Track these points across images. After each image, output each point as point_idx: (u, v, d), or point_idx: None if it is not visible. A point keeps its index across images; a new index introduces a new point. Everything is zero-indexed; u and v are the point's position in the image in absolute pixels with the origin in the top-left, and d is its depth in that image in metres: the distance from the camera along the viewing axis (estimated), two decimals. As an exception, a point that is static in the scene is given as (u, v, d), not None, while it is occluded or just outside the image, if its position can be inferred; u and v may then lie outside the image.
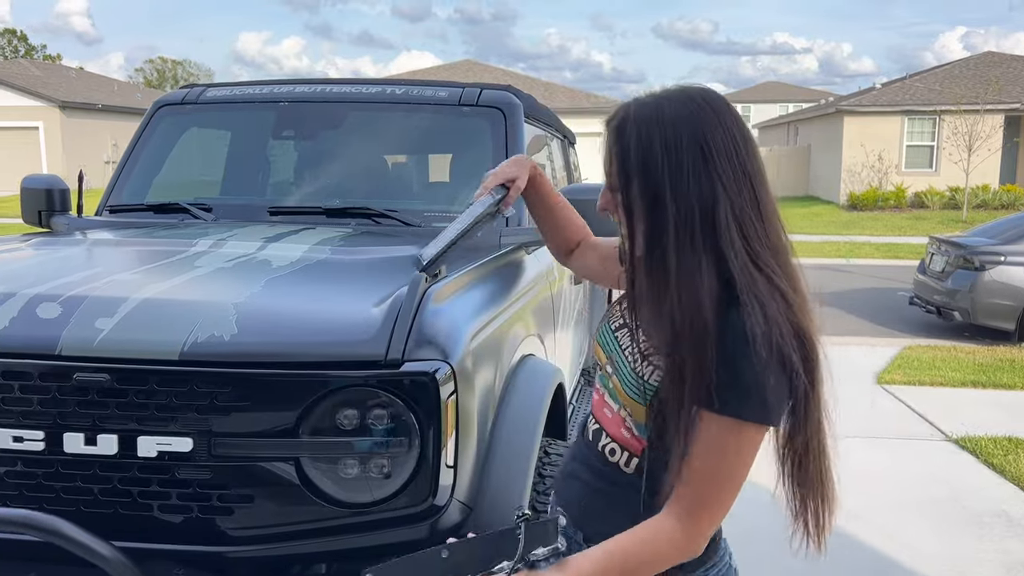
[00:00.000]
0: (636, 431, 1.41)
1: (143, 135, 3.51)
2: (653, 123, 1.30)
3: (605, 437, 1.48)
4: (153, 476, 1.76)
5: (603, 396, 1.52)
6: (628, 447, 1.43)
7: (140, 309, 1.84)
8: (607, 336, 1.51)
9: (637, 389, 1.37)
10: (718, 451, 1.25)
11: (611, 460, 1.46)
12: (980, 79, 26.28)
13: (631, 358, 1.41)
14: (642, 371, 1.37)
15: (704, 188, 1.27)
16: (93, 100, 34.65)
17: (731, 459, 1.26)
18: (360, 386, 1.74)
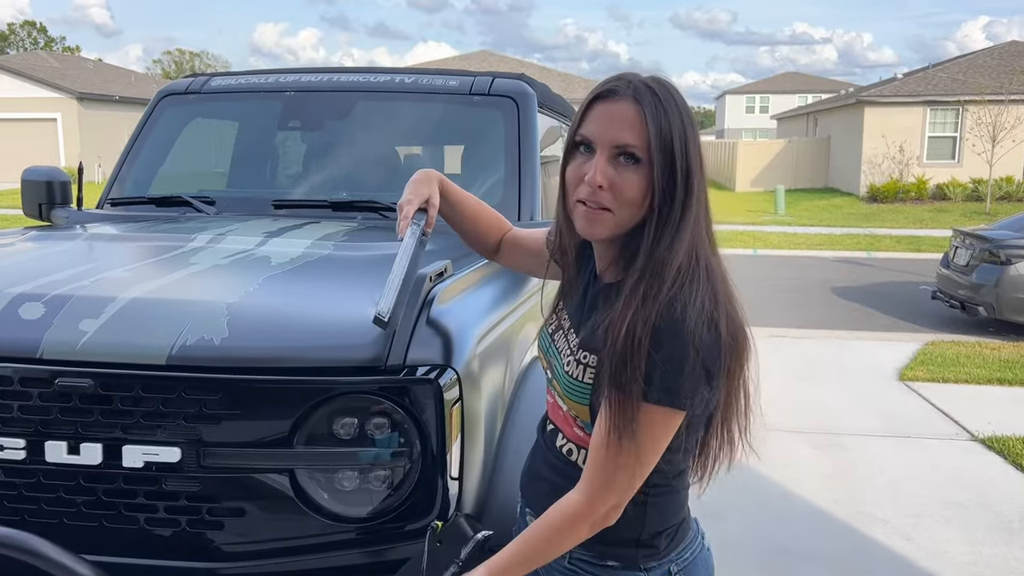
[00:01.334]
0: (587, 429, 1.40)
1: (146, 126, 3.42)
2: (679, 101, 1.31)
3: (561, 437, 1.48)
4: (139, 487, 1.66)
5: (555, 398, 1.50)
6: (583, 444, 1.42)
7: (127, 310, 1.74)
8: (545, 341, 1.52)
9: (575, 391, 1.37)
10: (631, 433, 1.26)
11: (570, 459, 1.45)
12: (1004, 69, 25.84)
13: (564, 361, 1.41)
14: (575, 372, 1.37)
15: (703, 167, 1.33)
16: (111, 92, 34.76)
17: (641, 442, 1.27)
18: (359, 393, 1.63)
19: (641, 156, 1.29)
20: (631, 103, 1.29)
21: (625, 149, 1.29)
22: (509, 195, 2.98)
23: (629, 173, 1.30)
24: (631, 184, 1.30)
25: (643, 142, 1.28)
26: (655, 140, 1.27)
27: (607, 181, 1.30)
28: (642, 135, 1.28)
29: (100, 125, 33.02)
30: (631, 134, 1.29)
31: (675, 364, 1.23)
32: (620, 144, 1.29)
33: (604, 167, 1.30)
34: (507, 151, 3.08)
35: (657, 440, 1.29)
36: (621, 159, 1.30)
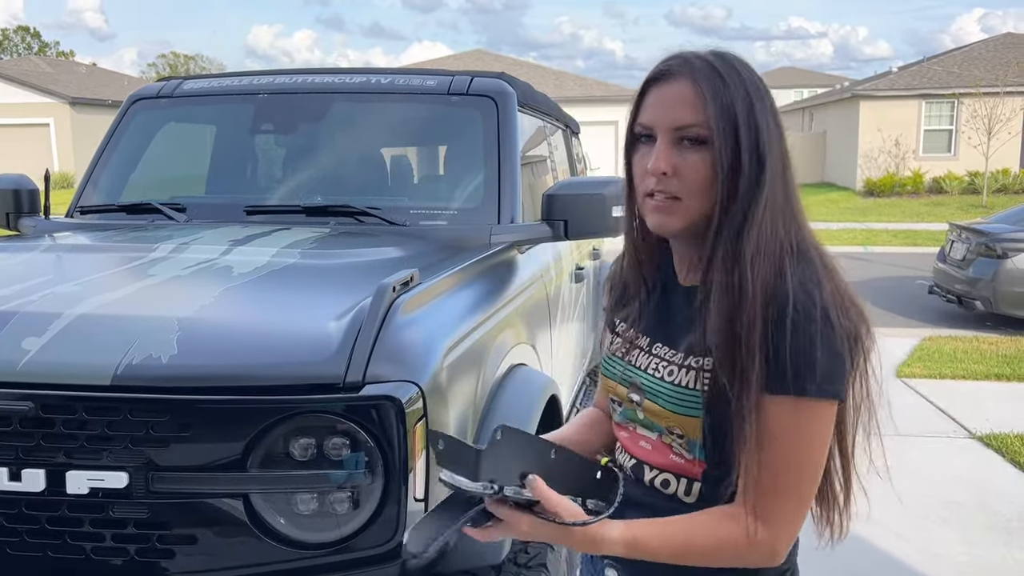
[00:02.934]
0: (690, 452, 1.26)
1: (116, 131, 3.33)
2: (745, 74, 1.21)
3: (651, 470, 1.32)
4: (85, 515, 1.57)
5: (634, 431, 1.35)
6: (684, 473, 1.28)
7: (73, 327, 1.65)
8: (618, 367, 1.36)
9: (683, 401, 1.23)
10: (791, 436, 1.15)
11: (666, 492, 1.30)
12: (999, 61, 25.75)
13: (663, 372, 1.27)
14: (682, 380, 1.23)
15: (784, 153, 1.22)
16: (104, 96, 34.61)
17: (804, 443, 1.15)
18: (315, 412, 1.55)
19: (705, 136, 1.18)
20: (688, 81, 1.20)
21: (686, 130, 1.19)
22: (489, 197, 2.89)
23: (693, 155, 1.19)
24: (696, 167, 1.19)
25: (704, 120, 1.18)
26: (717, 117, 1.17)
27: (671, 167, 1.20)
28: (702, 113, 1.18)
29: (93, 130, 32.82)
30: (690, 113, 1.19)
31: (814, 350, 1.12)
32: (680, 125, 1.19)
33: (666, 152, 1.20)
34: (486, 151, 2.99)
35: (822, 445, 1.17)
36: (684, 142, 1.20)
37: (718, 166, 1.18)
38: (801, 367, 1.12)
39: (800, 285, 1.14)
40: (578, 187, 2.77)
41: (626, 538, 1.16)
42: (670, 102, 1.20)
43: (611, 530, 1.16)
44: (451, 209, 2.93)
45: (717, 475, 1.23)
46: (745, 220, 1.18)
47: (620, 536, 1.16)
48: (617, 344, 1.38)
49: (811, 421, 1.15)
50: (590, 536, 1.15)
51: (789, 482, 1.16)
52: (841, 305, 1.16)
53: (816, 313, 1.13)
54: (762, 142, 1.18)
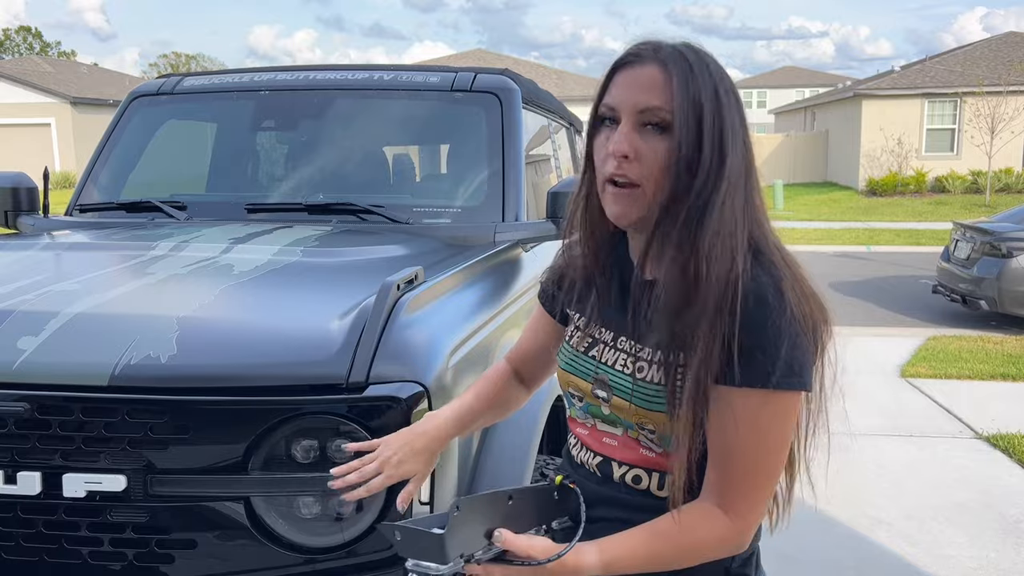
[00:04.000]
0: (661, 445, 1.23)
1: (116, 128, 3.29)
2: (714, 68, 1.19)
3: (619, 466, 1.29)
4: (82, 519, 1.53)
5: (594, 427, 1.32)
6: (656, 467, 1.25)
7: (70, 326, 1.61)
8: (579, 362, 1.32)
9: (655, 398, 1.20)
10: (757, 429, 1.14)
11: (637, 488, 1.27)
12: (1002, 60, 25.69)
13: (631, 368, 1.24)
14: (652, 376, 1.21)
15: (747, 145, 1.20)
16: (105, 96, 34.58)
17: (772, 436, 1.15)
18: (318, 413, 1.51)
19: (668, 120, 1.16)
20: (657, 66, 1.17)
21: (650, 113, 1.17)
22: (492, 195, 2.86)
23: (655, 140, 1.17)
24: (657, 151, 1.16)
25: (668, 104, 1.15)
26: (682, 103, 1.15)
27: (633, 150, 1.17)
28: (668, 97, 1.16)
29: (95, 130, 32.77)
30: (656, 96, 1.16)
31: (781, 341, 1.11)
32: (644, 108, 1.17)
33: (628, 133, 1.17)
34: (490, 149, 2.95)
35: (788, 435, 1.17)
36: (648, 127, 1.17)
37: (676, 152, 1.15)
38: (769, 359, 1.11)
39: (765, 278, 1.14)
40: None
41: (604, 560, 1.14)
42: (637, 85, 1.18)
43: (587, 556, 1.13)
44: (454, 207, 2.89)
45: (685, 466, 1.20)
46: (704, 211, 1.15)
47: (597, 560, 1.13)
48: (577, 338, 1.34)
49: (779, 412, 1.14)
50: (569, 569, 1.12)
51: (758, 474, 1.15)
52: (803, 296, 1.15)
53: (783, 305, 1.12)
54: (726, 136, 1.16)
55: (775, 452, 1.16)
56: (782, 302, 1.12)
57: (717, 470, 1.16)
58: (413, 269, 1.80)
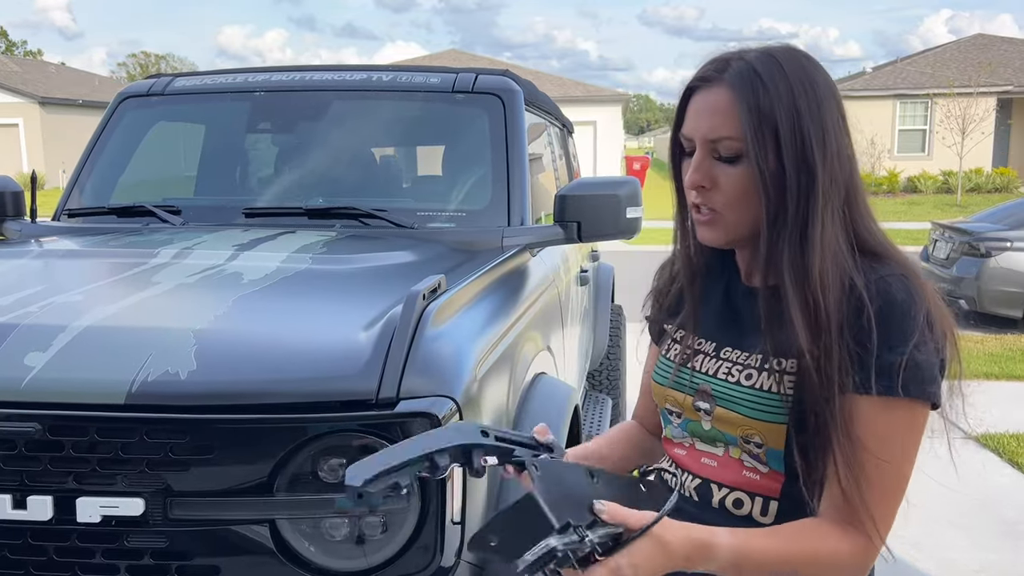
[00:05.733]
0: (767, 464, 1.18)
1: (105, 130, 3.18)
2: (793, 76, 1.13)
3: (719, 489, 1.22)
4: (97, 545, 1.45)
5: (692, 447, 1.27)
6: (759, 491, 1.19)
7: (80, 340, 1.53)
8: (678, 374, 1.27)
9: (765, 407, 1.15)
10: (888, 439, 1.09)
11: (738, 513, 1.20)
12: (971, 61, 26.08)
13: (738, 377, 1.19)
14: (763, 383, 1.16)
15: (843, 149, 1.14)
16: (74, 96, 34.02)
17: (907, 449, 1.10)
18: (348, 431, 1.44)
19: (739, 149, 1.13)
20: (724, 89, 1.14)
21: (720, 144, 1.14)
22: (497, 198, 2.79)
23: (730, 168, 1.15)
24: (733, 181, 1.14)
25: (739, 131, 1.12)
26: (752, 126, 1.11)
27: (708, 180, 1.16)
28: (736, 124, 1.12)
29: (64, 130, 32.28)
30: (725, 125, 1.13)
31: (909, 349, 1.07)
32: (714, 138, 1.15)
33: (701, 165, 1.16)
34: (494, 151, 2.89)
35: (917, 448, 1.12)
36: (719, 154, 1.16)
37: (759, 180, 1.12)
38: (902, 367, 1.07)
39: (897, 282, 1.10)
40: (592, 188, 2.67)
41: (734, 544, 1.05)
42: (704, 112, 1.16)
43: (719, 536, 1.06)
44: (459, 211, 2.83)
45: (798, 490, 1.15)
46: (804, 234, 1.11)
47: (729, 543, 1.05)
48: (675, 351, 1.30)
49: (909, 423, 1.10)
50: (698, 545, 1.03)
51: (885, 488, 1.10)
52: (931, 302, 1.11)
53: (915, 311, 1.09)
54: (809, 150, 1.11)
55: (906, 465, 1.11)
56: (914, 306, 1.09)
57: (842, 485, 1.09)
58: (436, 278, 1.73)
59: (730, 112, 1.12)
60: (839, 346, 1.08)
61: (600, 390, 4.74)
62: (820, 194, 1.11)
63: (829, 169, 1.12)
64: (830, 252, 1.11)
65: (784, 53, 1.15)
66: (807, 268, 1.11)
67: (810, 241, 1.11)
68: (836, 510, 1.11)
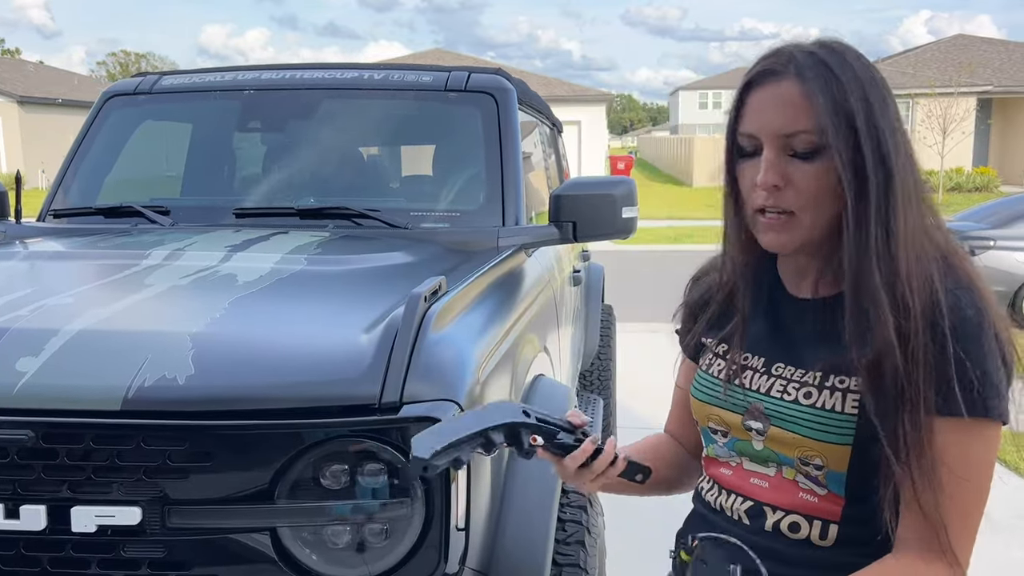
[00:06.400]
0: (825, 487, 1.12)
1: (91, 130, 3.13)
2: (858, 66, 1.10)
3: (774, 512, 1.16)
4: (92, 555, 1.41)
5: (739, 466, 1.21)
6: (818, 514, 1.13)
7: (73, 345, 1.49)
8: (724, 392, 1.20)
9: (827, 427, 1.09)
10: (972, 462, 1.04)
11: (793, 537, 1.14)
12: (951, 62, 26.34)
13: (796, 395, 1.13)
14: (824, 402, 1.10)
15: (911, 153, 1.10)
16: (53, 95, 33.66)
17: (985, 469, 1.06)
18: (349, 437, 1.41)
19: (817, 143, 1.07)
20: (794, 81, 1.08)
21: (796, 138, 1.08)
22: (492, 198, 2.76)
23: (806, 165, 1.08)
24: (811, 177, 1.08)
25: (816, 124, 1.06)
26: (830, 118, 1.05)
27: (782, 179, 1.09)
28: (813, 117, 1.06)
29: (43, 130, 31.94)
30: (800, 118, 1.07)
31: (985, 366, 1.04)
32: (789, 132, 1.08)
33: (775, 163, 1.09)
34: (488, 151, 2.86)
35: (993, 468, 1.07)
36: (795, 150, 1.09)
37: (842, 174, 1.06)
38: (980, 385, 1.02)
39: (966, 295, 1.05)
40: (587, 187, 2.65)
41: None
42: (775, 106, 1.09)
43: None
44: (453, 211, 2.80)
45: (859, 513, 1.10)
46: (888, 233, 1.06)
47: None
48: (719, 366, 1.23)
49: (987, 444, 1.05)
50: None
51: (967, 511, 1.05)
52: (999, 317, 1.07)
53: (986, 326, 1.04)
54: (885, 144, 1.06)
55: (985, 488, 1.06)
56: (985, 321, 1.04)
57: (928, 509, 1.04)
58: (436, 279, 1.70)
59: (804, 105, 1.07)
60: (924, 358, 1.03)
61: (591, 390, 4.73)
62: (899, 187, 1.07)
63: (902, 163, 1.08)
64: (915, 249, 1.07)
65: (842, 47, 1.11)
66: (896, 267, 1.05)
67: (897, 237, 1.06)
68: (917, 539, 1.06)
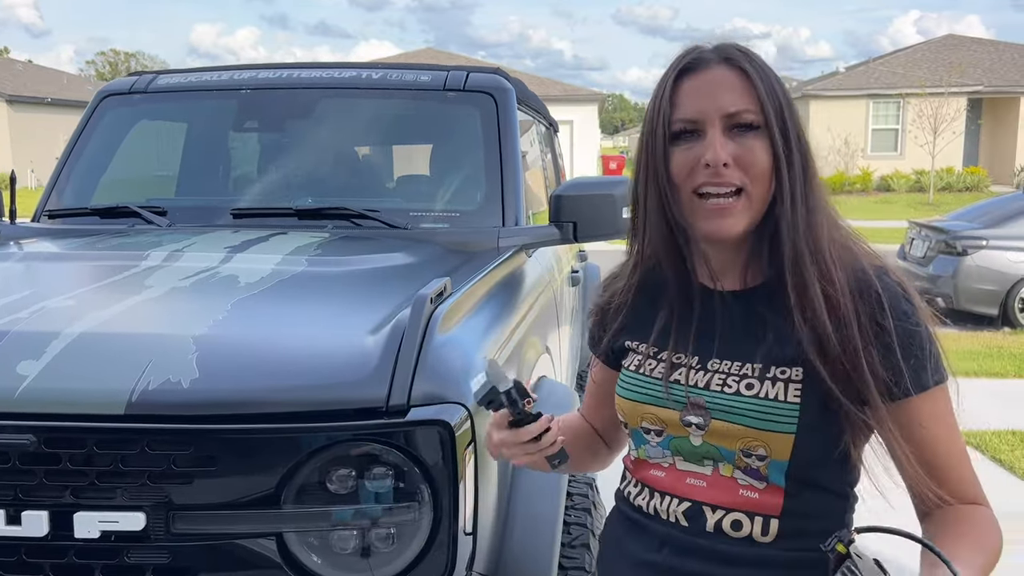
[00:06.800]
0: (769, 479, 1.12)
1: (85, 129, 3.09)
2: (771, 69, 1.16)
3: (714, 511, 1.15)
4: (96, 562, 1.39)
5: (673, 466, 1.19)
6: (759, 510, 1.13)
7: (75, 348, 1.47)
8: (658, 389, 1.18)
9: (771, 416, 1.10)
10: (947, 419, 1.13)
11: (735, 535, 1.14)
12: (942, 62, 26.40)
13: (737, 387, 1.13)
14: (767, 392, 1.11)
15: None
16: (42, 94, 33.47)
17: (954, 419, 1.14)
18: (357, 440, 1.39)
19: (758, 120, 1.11)
20: (726, 67, 1.13)
21: (739, 116, 1.11)
22: (491, 198, 2.75)
23: (750, 140, 1.11)
24: (757, 152, 1.11)
25: (756, 104, 1.11)
26: (768, 99, 1.11)
27: (731, 156, 1.10)
28: (752, 96, 1.11)
29: (32, 129, 31.75)
30: (743, 97, 1.11)
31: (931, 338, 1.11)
32: (732, 111, 1.11)
33: (722, 140, 1.11)
34: (487, 150, 2.84)
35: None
36: (737, 130, 1.11)
37: (778, 150, 1.11)
38: (922, 357, 1.09)
39: (890, 276, 1.12)
40: (587, 187, 2.64)
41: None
42: (714, 89, 1.12)
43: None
44: (452, 211, 2.78)
45: (798, 505, 1.12)
46: (810, 208, 1.12)
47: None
48: (649, 365, 1.21)
49: (949, 401, 1.13)
50: None
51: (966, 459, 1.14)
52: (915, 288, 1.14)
53: (918, 301, 1.11)
54: (801, 128, 1.14)
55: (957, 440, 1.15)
56: (916, 297, 1.11)
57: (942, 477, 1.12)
58: (441, 281, 1.69)
59: (743, 85, 1.11)
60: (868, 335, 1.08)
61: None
62: (814, 172, 1.14)
63: (810, 150, 1.15)
64: (827, 229, 1.12)
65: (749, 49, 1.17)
66: (819, 244, 1.10)
67: (815, 214, 1.12)
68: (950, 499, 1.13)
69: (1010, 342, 8.05)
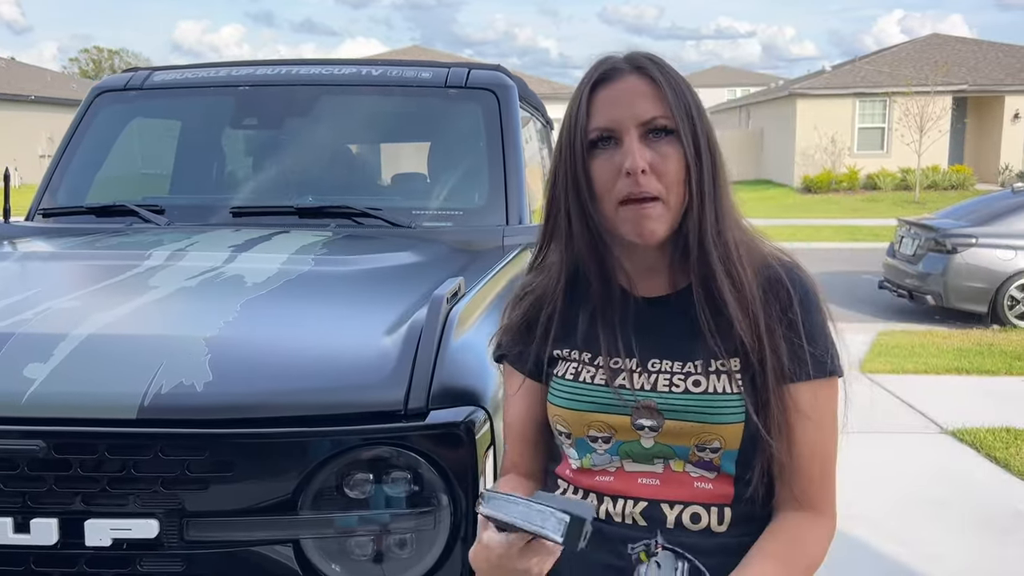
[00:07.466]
0: (722, 469, 1.16)
1: (80, 126, 3.04)
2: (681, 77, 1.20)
3: (672, 507, 1.16)
4: (107, 570, 1.36)
5: (620, 470, 1.18)
6: (715, 500, 1.16)
7: (83, 350, 1.43)
8: (603, 396, 1.17)
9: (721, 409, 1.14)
10: (828, 415, 1.18)
11: (694, 528, 1.16)
12: (927, 61, 26.55)
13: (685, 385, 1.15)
14: (714, 387, 1.14)
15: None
16: (25, 91, 33.13)
17: (835, 419, 1.19)
18: (374, 444, 1.36)
19: (671, 126, 1.15)
20: (639, 76, 1.16)
21: (653, 123, 1.15)
22: (495, 196, 2.72)
23: (665, 147, 1.14)
24: (671, 158, 1.14)
25: (668, 111, 1.14)
26: (677, 106, 1.15)
27: (647, 163, 1.13)
28: (664, 103, 1.15)
29: (14, 127, 31.42)
30: (655, 105, 1.15)
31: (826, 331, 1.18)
32: (646, 119, 1.14)
33: (639, 147, 1.13)
34: (490, 148, 2.82)
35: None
36: (651, 136, 1.15)
37: (688, 155, 1.14)
38: (824, 347, 1.16)
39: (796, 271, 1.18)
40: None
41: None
42: (628, 98, 1.15)
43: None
44: (455, 209, 2.75)
45: (745, 491, 1.17)
46: (718, 211, 1.16)
47: None
48: (590, 372, 1.19)
49: (835, 397, 1.18)
50: None
51: (830, 464, 1.18)
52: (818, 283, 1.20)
53: (819, 293, 1.18)
54: (712, 134, 1.17)
55: (836, 437, 1.19)
56: (818, 290, 1.17)
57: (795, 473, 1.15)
58: (455, 280, 1.66)
59: (655, 93, 1.15)
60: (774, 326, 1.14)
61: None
62: (723, 177, 1.18)
63: (720, 155, 1.19)
64: (734, 231, 1.17)
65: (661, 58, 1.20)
66: (727, 246, 1.15)
67: (724, 218, 1.16)
68: (791, 500, 1.16)
69: (1000, 339, 8.09)
